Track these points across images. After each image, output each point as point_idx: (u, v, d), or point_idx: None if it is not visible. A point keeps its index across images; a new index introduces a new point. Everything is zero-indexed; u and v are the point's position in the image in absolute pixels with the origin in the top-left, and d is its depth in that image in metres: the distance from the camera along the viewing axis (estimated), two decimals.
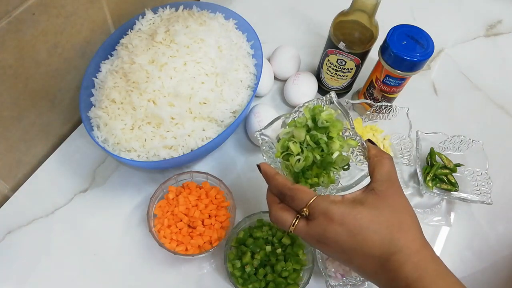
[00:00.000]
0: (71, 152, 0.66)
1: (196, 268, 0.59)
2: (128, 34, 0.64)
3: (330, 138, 0.45)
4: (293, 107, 0.72)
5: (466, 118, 0.74)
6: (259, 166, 0.45)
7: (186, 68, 0.57)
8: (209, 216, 0.58)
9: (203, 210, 0.58)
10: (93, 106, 0.61)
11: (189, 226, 0.58)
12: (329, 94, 0.49)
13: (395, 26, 0.61)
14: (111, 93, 0.58)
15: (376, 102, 0.67)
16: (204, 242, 0.56)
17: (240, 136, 0.70)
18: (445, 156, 0.67)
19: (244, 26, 0.66)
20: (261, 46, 0.65)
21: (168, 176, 0.61)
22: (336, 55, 0.65)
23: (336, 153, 0.44)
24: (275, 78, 0.74)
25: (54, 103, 0.62)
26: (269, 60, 0.75)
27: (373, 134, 0.69)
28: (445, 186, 0.65)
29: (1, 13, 0.47)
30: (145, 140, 0.57)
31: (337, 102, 0.49)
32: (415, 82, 0.72)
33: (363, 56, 0.64)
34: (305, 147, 0.45)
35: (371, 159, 0.44)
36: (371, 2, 0.57)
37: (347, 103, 0.66)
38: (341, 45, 0.62)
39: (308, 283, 0.54)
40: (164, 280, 0.58)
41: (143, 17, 0.65)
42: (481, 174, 0.64)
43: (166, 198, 0.59)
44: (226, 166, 0.67)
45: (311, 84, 0.71)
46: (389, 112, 0.68)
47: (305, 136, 0.45)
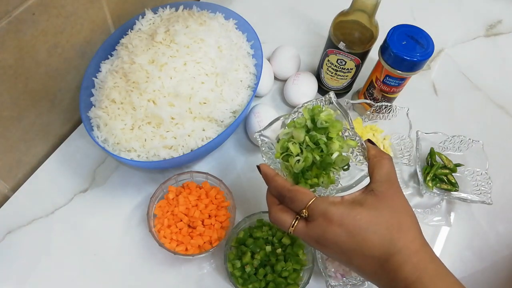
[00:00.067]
0: (71, 152, 0.66)
1: (196, 268, 0.59)
2: (128, 34, 0.64)
3: (330, 138, 0.45)
4: (293, 107, 0.72)
5: (466, 118, 0.74)
6: (259, 167, 0.45)
7: (186, 68, 0.57)
8: (209, 216, 0.58)
9: (203, 210, 0.58)
10: (93, 106, 0.61)
11: (189, 226, 0.58)
12: (328, 94, 0.49)
13: (395, 26, 0.61)
14: (111, 93, 0.58)
15: (376, 102, 0.67)
16: (204, 242, 0.56)
17: (240, 136, 0.70)
18: (445, 156, 0.67)
19: (244, 26, 0.66)
20: (261, 46, 0.65)
21: (168, 176, 0.61)
22: (336, 55, 0.65)
23: (336, 154, 0.44)
24: (275, 78, 0.74)
25: (54, 103, 0.63)
26: (269, 60, 0.74)
27: (373, 134, 0.69)
28: (445, 186, 0.65)
29: (1, 13, 0.47)
30: (145, 140, 0.57)
31: (336, 102, 0.48)
32: (415, 82, 0.72)
33: (363, 56, 0.64)
34: (304, 148, 0.45)
35: (371, 160, 0.44)
36: (371, 2, 0.57)
37: (347, 103, 0.66)
38: (341, 45, 0.62)
39: (308, 283, 0.54)
40: (164, 280, 0.58)
41: (143, 17, 0.65)
42: (481, 174, 0.64)
43: (166, 198, 0.59)
44: (226, 166, 0.67)
45: (311, 84, 0.71)
46: (389, 112, 0.68)
47: (305, 137, 0.45)
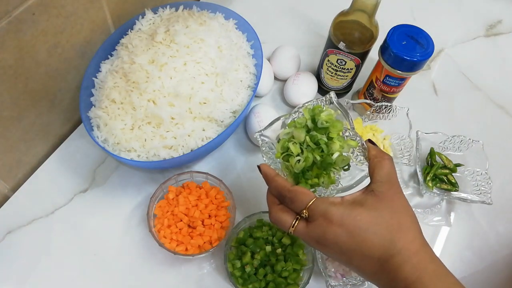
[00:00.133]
0: (71, 152, 0.66)
1: (196, 268, 0.59)
2: (128, 34, 0.64)
3: (330, 138, 0.45)
4: (293, 107, 0.72)
5: (466, 118, 0.74)
6: (259, 167, 0.45)
7: (186, 68, 0.57)
8: (209, 216, 0.58)
9: (203, 210, 0.58)
10: (93, 106, 0.61)
11: (189, 226, 0.58)
12: (329, 94, 0.49)
13: (395, 26, 0.61)
14: (111, 93, 0.58)
15: (376, 102, 0.67)
16: (204, 242, 0.56)
17: (240, 136, 0.70)
18: (445, 156, 0.67)
19: (244, 26, 0.66)
20: (261, 46, 0.65)
21: (168, 176, 0.61)
22: (336, 55, 0.65)
23: (336, 154, 0.44)
24: (275, 78, 0.74)
25: (54, 103, 0.62)
26: (269, 60, 0.74)
27: (373, 134, 0.69)
28: (445, 186, 0.65)
29: (1, 13, 0.47)
30: (145, 140, 0.57)
31: (337, 102, 0.48)
32: (415, 82, 0.72)
33: (363, 56, 0.64)
34: (305, 148, 0.45)
35: (371, 160, 0.44)
36: (371, 2, 0.57)
37: (347, 103, 0.66)
38: (341, 45, 0.62)
39: (308, 283, 0.54)
40: (164, 280, 0.58)
41: (143, 17, 0.65)
42: (481, 174, 0.64)
43: (166, 198, 0.59)
44: (226, 166, 0.67)
45: (311, 84, 0.71)
46: (389, 112, 0.68)
47: (305, 137, 0.45)
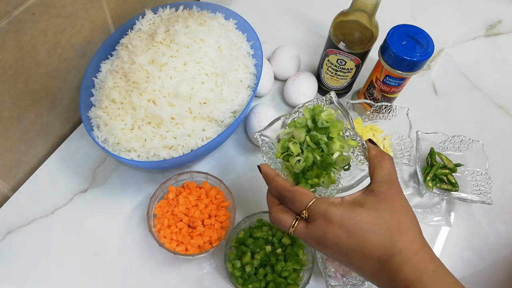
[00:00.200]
0: (71, 152, 0.66)
1: (196, 268, 0.59)
2: (128, 34, 0.64)
3: (330, 138, 0.45)
4: (293, 107, 0.72)
5: (466, 118, 0.74)
6: (259, 167, 0.45)
7: (186, 68, 0.57)
8: (209, 216, 0.58)
9: (203, 210, 0.58)
10: (93, 106, 0.61)
11: (189, 226, 0.58)
12: (329, 94, 0.49)
13: (395, 26, 0.61)
14: (111, 93, 0.58)
15: (376, 102, 0.67)
16: (204, 242, 0.56)
17: (240, 136, 0.70)
18: (445, 156, 0.67)
19: (244, 26, 0.66)
20: (261, 46, 0.65)
21: (168, 176, 0.61)
22: (336, 55, 0.65)
23: (337, 154, 0.44)
24: (275, 78, 0.74)
25: (54, 103, 0.62)
26: (269, 60, 0.74)
27: (373, 134, 0.69)
28: (445, 186, 0.65)
29: (1, 13, 0.47)
30: (145, 140, 0.57)
31: (337, 102, 0.48)
32: (415, 82, 0.72)
33: (363, 56, 0.64)
34: (305, 148, 0.45)
35: (371, 160, 0.43)
36: (371, 2, 0.57)
37: (347, 103, 0.66)
38: (341, 45, 0.62)
39: (308, 283, 0.54)
40: (164, 280, 0.58)
41: (143, 17, 0.65)
42: (481, 174, 0.64)
43: (166, 198, 0.59)
44: (226, 166, 0.67)
45: (311, 84, 0.71)
46: (389, 112, 0.68)
47: (305, 137, 0.45)
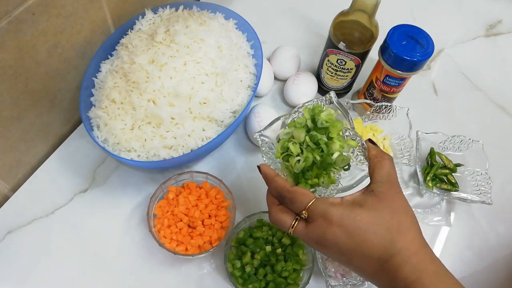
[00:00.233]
0: (71, 152, 0.66)
1: (196, 268, 0.59)
2: (128, 34, 0.64)
3: (330, 138, 0.45)
4: (293, 107, 0.72)
5: (466, 118, 0.74)
6: (259, 167, 0.45)
7: (186, 68, 0.57)
8: (209, 216, 0.58)
9: (203, 210, 0.58)
10: (93, 106, 0.61)
11: (189, 226, 0.58)
12: (329, 94, 0.48)
13: (395, 26, 0.61)
14: (111, 93, 0.58)
15: (376, 102, 0.67)
16: (204, 242, 0.56)
17: (240, 136, 0.70)
18: (445, 156, 0.67)
19: (244, 26, 0.66)
20: (261, 46, 0.65)
21: (168, 176, 0.61)
22: (336, 55, 0.65)
23: (336, 154, 0.44)
24: (275, 78, 0.74)
25: (54, 103, 0.62)
26: (269, 60, 0.74)
27: (373, 134, 0.69)
28: (445, 186, 0.65)
29: (1, 13, 0.47)
30: (145, 140, 0.57)
31: (337, 102, 0.48)
32: (415, 82, 0.72)
33: (363, 56, 0.64)
34: (304, 148, 0.45)
35: (371, 160, 0.43)
36: (371, 2, 0.57)
37: (347, 103, 0.66)
38: (341, 45, 0.62)
39: (308, 283, 0.54)
40: (164, 280, 0.58)
41: (143, 17, 0.65)
42: (481, 174, 0.64)
43: (166, 198, 0.59)
44: (226, 166, 0.67)
45: (311, 84, 0.71)
46: (389, 112, 0.68)
47: (305, 137, 0.45)
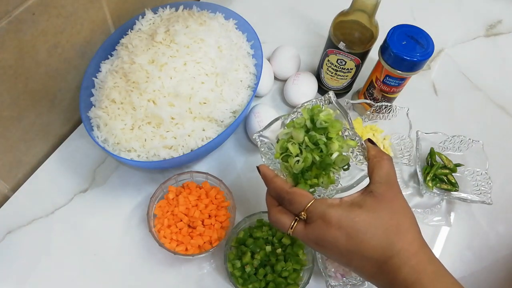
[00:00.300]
0: (71, 152, 0.66)
1: (196, 268, 0.59)
2: (128, 34, 0.64)
3: (329, 138, 0.44)
4: (293, 107, 0.72)
5: (466, 118, 0.74)
6: (258, 168, 0.45)
7: (186, 68, 0.57)
8: (209, 216, 0.58)
9: (203, 210, 0.58)
10: (93, 106, 0.61)
11: (189, 226, 0.58)
12: (328, 94, 0.48)
13: (395, 26, 0.61)
14: (111, 93, 0.58)
15: (376, 102, 0.67)
16: (204, 242, 0.56)
17: (240, 136, 0.70)
18: (445, 156, 0.67)
19: (244, 26, 0.66)
20: (261, 46, 0.65)
21: (168, 176, 0.61)
22: (336, 55, 0.65)
23: (336, 154, 0.44)
24: (275, 78, 0.74)
25: (54, 103, 0.63)
26: (269, 60, 0.74)
27: (373, 134, 0.69)
28: (445, 186, 0.65)
29: (1, 13, 0.47)
30: (145, 140, 0.57)
31: (336, 102, 0.48)
32: (415, 82, 0.72)
33: (363, 56, 0.64)
34: (304, 148, 0.45)
35: (370, 160, 0.43)
36: (371, 2, 0.57)
37: (347, 103, 0.66)
38: (341, 45, 0.62)
39: (308, 283, 0.54)
40: (164, 280, 0.58)
41: (143, 17, 0.65)
42: (481, 174, 0.64)
43: (166, 198, 0.59)
44: (226, 166, 0.67)
45: (311, 84, 0.71)
46: (389, 112, 0.68)
47: (304, 137, 0.45)
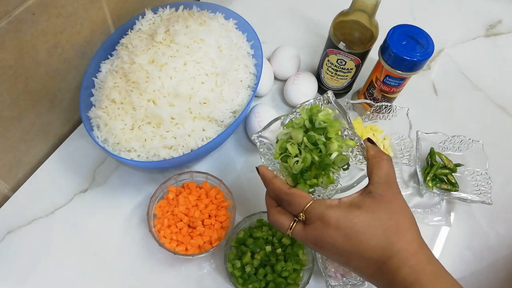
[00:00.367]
0: (71, 152, 0.66)
1: (196, 268, 0.59)
2: (128, 34, 0.64)
3: (328, 138, 0.44)
4: (293, 107, 0.72)
5: (466, 118, 0.74)
6: (257, 169, 0.45)
7: (186, 68, 0.57)
8: (209, 216, 0.58)
9: (203, 210, 0.58)
10: (93, 106, 0.61)
11: (189, 226, 0.58)
12: (327, 94, 0.48)
13: (395, 26, 0.61)
14: (111, 93, 0.58)
15: (376, 102, 0.67)
16: (204, 242, 0.56)
17: (240, 136, 0.70)
18: (445, 156, 0.67)
19: (244, 26, 0.66)
20: (261, 46, 0.65)
21: (168, 176, 0.61)
22: (336, 55, 0.65)
23: (335, 154, 0.44)
24: (275, 78, 0.74)
25: (54, 103, 0.63)
26: (269, 60, 0.74)
27: (373, 134, 0.69)
28: (445, 186, 0.65)
29: (1, 13, 0.47)
30: (145, 140, 0.57)
31: (335, 101, 0.48)
32: (415, 82, 0.72)
33: (363, 56, 0.64)
34: (303, 149, 0.45)
35: (370, 160, 0.43)
36: (371, 2, 0.57)
37: (347, 103, 0.66)
38: (341, 45, 0.62)
39: (308, 283, 0.54)
40: (164, 280, 0.58)
41: (143, 17, 0.65)
42: (481, 174, 0.64)
43: (166, 198, 0.59)
44: (226, 166, 0.67)
45: (311, 84, 0.71)
46: (389, 112, 0.68)
47: (303, 138, 0.45)
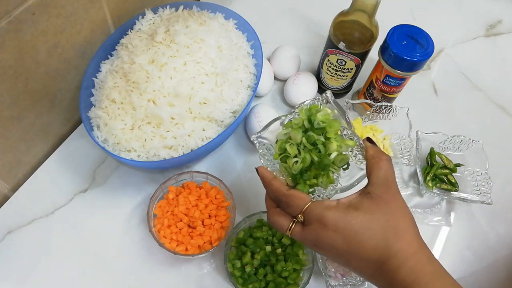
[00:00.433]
0: (71, 152, 0.66)
1: (196, 268, 0.59)
2: (128, 34, 0.64)
3: (328, 138, 0.44)
4: (293, 107, 0.72)
5: (466, 118, 0.74)
6: (257, 170, 0.45)
7: (186, 68, 0.57)
8: (209, 216, 0.58)
9: (203, 210, 0.58)
10: (93, 106, 0.61)
11: (189, 226, 0.58)
12: (325, 93, 0.48)
13: (395, 26, 0.61)
14: (111, 93, 0.58)
15: (376, 102, 0.67)
16: (204, 242, 0.56)
17: (240, 136, 0.70)
18: (445, 156, 0.67)
19: (244, 26, 0.66)
20: (261, 46, 0.65)
21: (168, 176, 0.61)
22: (336, 55, 0.65)
23: (334, 154, 0.44)
24: (275, 78, 0.74)
25: (54, 103, 0.63)
26: (269, 60, 0.74)
27: (373, 134, 0.69)
28: (445, 186, 0.65)
29: (1, 13, 0.47)
30: (145, 140, 0.57)
31: (333, 101, 0.48)
32: (415, 82, 0.72)
33: (363, 56, 0.64)
34: (302, 149, 0.44)
35: (369, 161, 0.43)
36: (371, 2, 0.57)
37: (347, 103, 0.66)
38: (341, 45, 0.62)
39: (308, 283, 0.54)
40: (164, 280, 0.58)
41: (143, 17, 0.65)
42: (481, 174, 0.64)
43: (166, 198, 0.59)
44: (226, 166, 0.67)
45: (311, 84, 0.71)
46: (389, 112, 0.68)
47: (301, 138, 0.44)
